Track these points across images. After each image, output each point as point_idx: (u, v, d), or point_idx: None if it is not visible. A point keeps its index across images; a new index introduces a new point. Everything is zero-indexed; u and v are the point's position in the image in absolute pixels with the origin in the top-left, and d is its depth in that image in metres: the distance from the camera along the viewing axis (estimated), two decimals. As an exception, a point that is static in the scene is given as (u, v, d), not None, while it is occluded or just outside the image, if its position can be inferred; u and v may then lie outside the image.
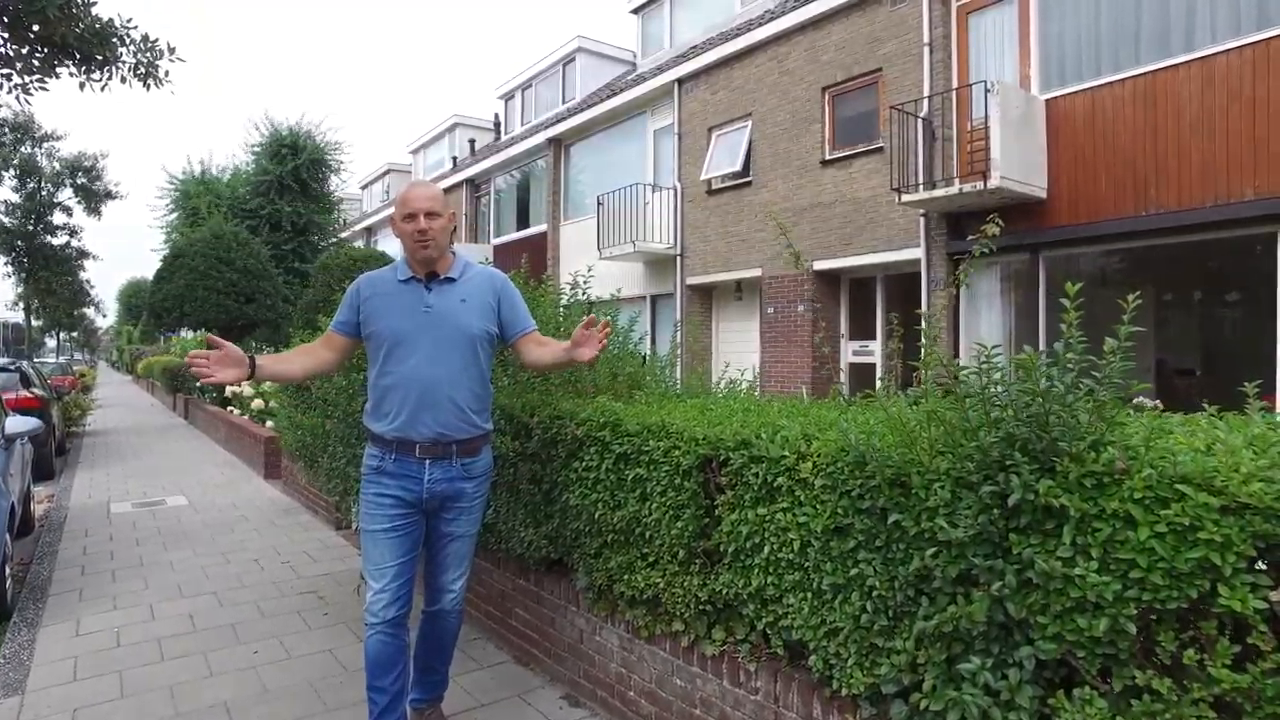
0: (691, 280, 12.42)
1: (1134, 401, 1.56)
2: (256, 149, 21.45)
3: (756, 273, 11.23)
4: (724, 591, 2.34)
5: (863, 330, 10.35)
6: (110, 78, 5.95)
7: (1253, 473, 1.35)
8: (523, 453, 3.16)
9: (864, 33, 9.70)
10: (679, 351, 3.88)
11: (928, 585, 1.74)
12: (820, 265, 10.11)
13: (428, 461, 2.50)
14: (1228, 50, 6.76)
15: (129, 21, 5.85)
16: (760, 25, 11.09)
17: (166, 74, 6.16)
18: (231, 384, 2.48)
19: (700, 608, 2.46)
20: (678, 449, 2.42)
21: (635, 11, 15.22)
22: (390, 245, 23.68)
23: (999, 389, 1.65)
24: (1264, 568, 1.33)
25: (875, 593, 1.84)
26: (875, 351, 10.10)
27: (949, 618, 1.66)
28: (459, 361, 2.52)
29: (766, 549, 2.14)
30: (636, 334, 3.93)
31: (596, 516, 2.79)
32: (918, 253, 8.95)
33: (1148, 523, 1.39)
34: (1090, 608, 1.46)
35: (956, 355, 8.54)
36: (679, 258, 12.58)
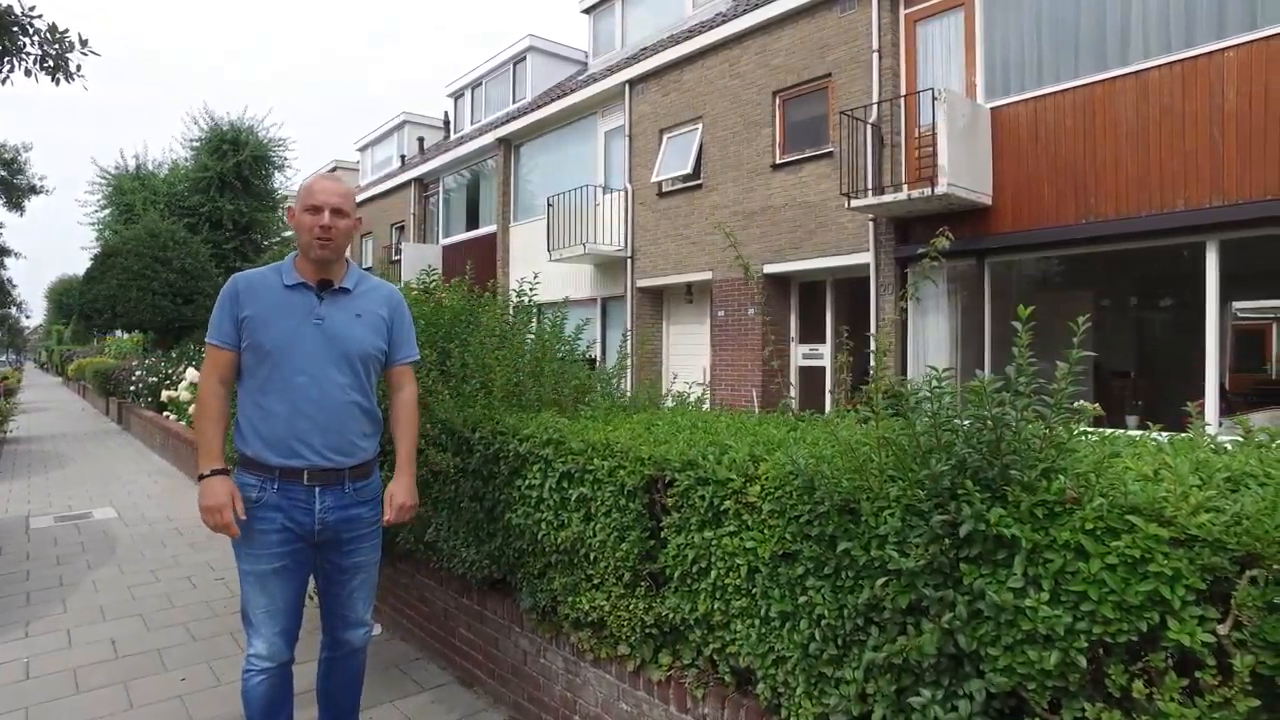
0: (642, 283, 12.36)
1: (1075, 404, 1.53)
2: (195, 144, 20.71)
3: (707, 275, 11.22)
4: (670, 616, 2.27)
5: (813, 333, 10.42)
6: (12, 70, 5.59)
7: (1201, 503, 1.33)
8: (464, 469, 3.05)
9: (814, 38, 9.77)
10: (629, 361, 3.81)
11: (877, 615, 1.70)
12: (770, 269, 10.15)
13: (318, 489, 2.29)
14: (1159, 66, 6.98)
15: (31, 9, 5.50)
16: (712, 28, 11.09)
17: (79, 68, 5.83)
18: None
19: (646, 631, 2.39)
20: (623, 468, 2.34)
21: (587, 11, 15.10)
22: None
23: (950, 413, 1.62)
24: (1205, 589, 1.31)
25: (824, 621, 1.79)
26: (825, 355, 10.18)
27: (899, 649, 1.62)
28: (350, 380, 2.33)
29: (713, 573, 2.07)
30: (585, 341, 3.84)
31: (540, 536, 2.70)
32: (867, 257, 9.04)
33: (1099, 554, 1.36)
34: (1041, 640, 1.43)
35: (904, 358, 8.66)
36: (629, 260, 12.51)
